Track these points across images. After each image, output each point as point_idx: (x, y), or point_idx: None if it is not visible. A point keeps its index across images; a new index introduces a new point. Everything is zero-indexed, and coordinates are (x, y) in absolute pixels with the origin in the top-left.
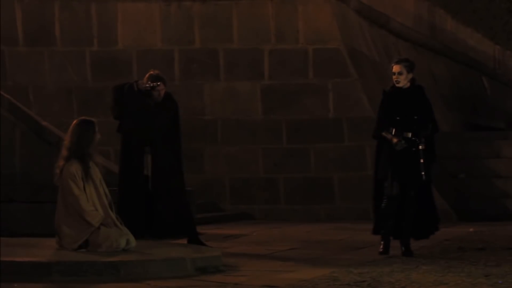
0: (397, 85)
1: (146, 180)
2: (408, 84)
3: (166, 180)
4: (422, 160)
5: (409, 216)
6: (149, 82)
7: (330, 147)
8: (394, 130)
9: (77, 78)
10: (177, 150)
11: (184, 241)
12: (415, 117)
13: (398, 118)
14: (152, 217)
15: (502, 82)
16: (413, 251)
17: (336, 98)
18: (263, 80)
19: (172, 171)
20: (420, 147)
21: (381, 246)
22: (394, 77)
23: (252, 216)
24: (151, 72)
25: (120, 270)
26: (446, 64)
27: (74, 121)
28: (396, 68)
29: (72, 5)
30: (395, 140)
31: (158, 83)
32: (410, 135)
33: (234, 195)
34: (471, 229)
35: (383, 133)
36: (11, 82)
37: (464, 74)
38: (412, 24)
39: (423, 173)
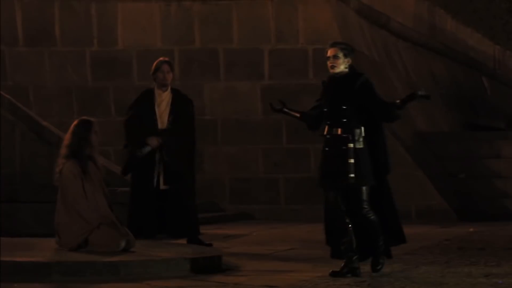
0: (332, 70)
1: (158, 180)
2: (346, 71)
3: (175, 181)
4: (352, 160)
5: (368, 230)
6: (141, 150)
7: None
8: (326, 128)
9: (77, 78)
10: (189, 149)
11: (184, 241)
12: (343, 107)
13: (325, 109)
14: (163, 216)
15: (502, 82)
16: (413, 251)
17: None
18: (263, 80)
19: (180, 170)
20: (350, 145)
21: (342, 265)
22: (329, 62)
23: (252, 216)
24: (160, 59)
25: (120, 270)
26: (446, 64)
27: (74, 122)
28: (331, 51)
29: (72, 5)
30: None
31: (148, 148)
32: (339, 131)
33: (234, 195)
34: (471, 229)
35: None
36: (11, 82)
37: (464, 74)
38: (412, 24)
39: (351, 175)
